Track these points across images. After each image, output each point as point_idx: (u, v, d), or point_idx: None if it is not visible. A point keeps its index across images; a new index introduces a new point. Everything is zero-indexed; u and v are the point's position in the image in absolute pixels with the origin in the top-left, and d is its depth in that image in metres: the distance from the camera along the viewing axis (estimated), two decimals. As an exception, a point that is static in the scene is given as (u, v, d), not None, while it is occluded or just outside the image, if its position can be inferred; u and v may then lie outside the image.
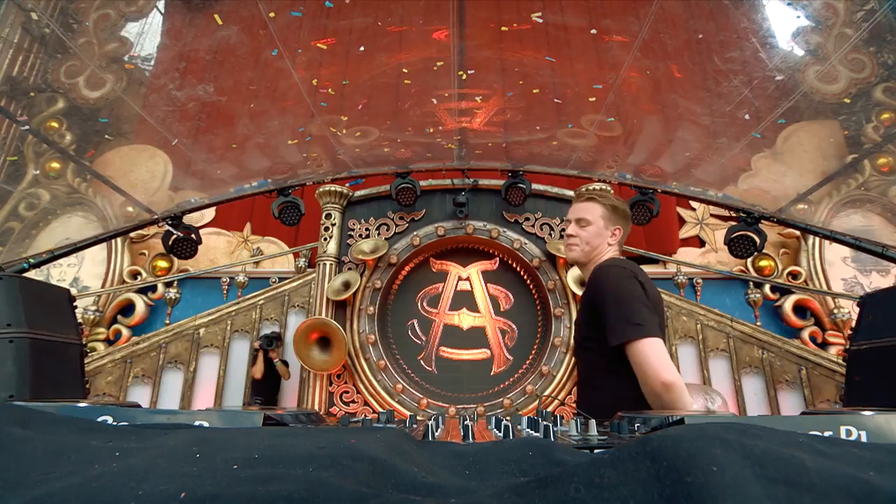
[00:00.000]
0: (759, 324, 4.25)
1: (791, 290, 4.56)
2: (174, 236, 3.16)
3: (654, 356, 1.37)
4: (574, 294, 3.78)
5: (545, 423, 0.79)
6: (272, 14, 2.00)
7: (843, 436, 0.63)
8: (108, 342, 4.62)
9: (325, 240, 4.08)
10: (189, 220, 3.28)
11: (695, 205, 5.01)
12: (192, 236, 3.25)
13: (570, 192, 3.94)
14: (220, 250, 5.12)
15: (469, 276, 4.09)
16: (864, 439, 0.63)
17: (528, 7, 2.09)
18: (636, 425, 0.86)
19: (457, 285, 4.07)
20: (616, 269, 1.57)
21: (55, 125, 2.34)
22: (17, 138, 2.29)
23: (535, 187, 3.86)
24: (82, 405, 0.81)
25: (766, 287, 4.57)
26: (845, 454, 0.36)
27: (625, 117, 2.69)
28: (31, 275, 2.54)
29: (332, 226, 4.11)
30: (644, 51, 2.13)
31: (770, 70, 2.06)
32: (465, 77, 2.46)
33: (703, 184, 3.04)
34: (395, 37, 2.24)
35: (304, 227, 4.32)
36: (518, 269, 4.05)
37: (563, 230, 1.83)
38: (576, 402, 1.69)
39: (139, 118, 2.40)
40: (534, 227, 4.03)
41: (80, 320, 2.81)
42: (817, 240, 4.59)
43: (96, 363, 4.11)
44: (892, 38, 1.89)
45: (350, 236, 4.13)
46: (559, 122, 2.84)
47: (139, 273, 4.91)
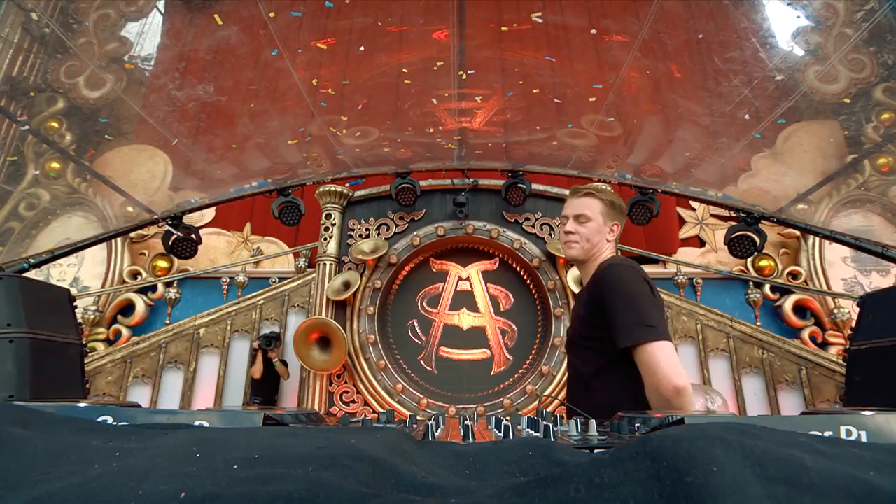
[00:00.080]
0: (759, 324, 4.25)
1: (791, 290, 4.56)
2: (174, 236, 3.16)
3: (665, 360, 1.35)
4: (574, 294, 3.78)
5: (545, 423, 0.79)
6: (272, 14, 2.00)
7: (843, 436, 0.63)
8: (108, 342, 4.62)
9: (325, 240, 4.08)
10: (189, 220, 3.28)
11: (695, 205, 5.01)
12: (192, 236, 3.25)
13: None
14: (220, 250, 5.12)
15: (469, 276, 4.09)
16: (864, 439, 0.63)
17: (528, 7, 2.09)
18: (636, 425, 0.86)
19: (457, 285, 4.07)
20: (626, 268, 1.53)
21: (55, 125, 2.34)
22: (17, 138, 2.29)
23: (535, 187, 3.87)
24: (82, 405, 0.81)
25: (766, 287, 4.57)
26: (845, 454, 0.36)
27: (625, 117, 2.69)
28: (31, 275, 2.54)
29: (332, 226, 4.12)
30: (644, 51, 2.13)
31: (770, 70, 2.06)
32: (465, 77, 2.46)
33: (703, 184, 3.04)
34: (395, 37, 2.24)
35: (304, 227, 4.32)
36: (518, 269, 4.06)
37: (561, 227, 1.77)
38: (566, 400, 1.63)
39: (139, 118, 2.40)
40: (534, 227, 4.03)
41: (80, 320, 2.81)
42: (817, 240, 4.59)
43: (96, 363, 4.11)
44: (892, 38, 1.89)
45: (350, 236, 4.13)
46: (559, 122, 2.84)
47: (139, 273, 4.91)
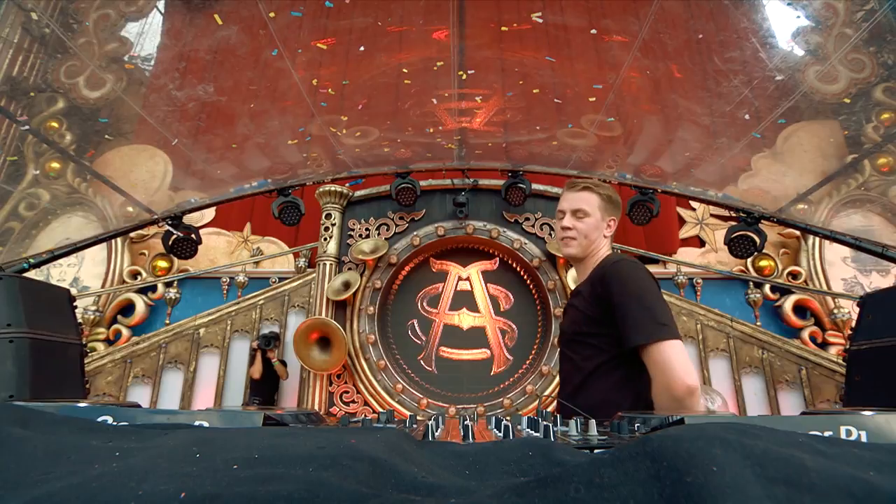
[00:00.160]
0: (759, 324, 4.25)
1: (791, 290, 4.55)
2: (174, 236, 3.16)
3: (678, 359, 1.33)
4: (574, 294, 3.78)
5: (545, 423, 0.78)
6: (272, 14, 2.00)
7: (843, 436, 0.63)
8: (108, 342, 4.62)
9: (325, 240, 4.08)
10: (189, 220, 3.28)
11: (695, 205, 5.01)
12: (192, 236, 3.25)
13: (570, 192, 3.94)
14: (220, 250, 5.12)
15: (469, 276, 4.09)
16: (864, 439, 0.63)
17: (528, 7, 2.09)
18: (636, 425, 0.86)
19: (457, 285, 4.07)
20: (635, 265, 1.50)
21: (55, 125, 2.34)
22: (17, 138, 2.29)
23: (535, 187, 3.87)
24: (82, 405, 0.81)
25: (766, 287, 4.57)
26: (845, 454, 0.36)
27: (625, 117, 2.69)
28: (31, 275, 2.54)
29: (332, 226, 4.12)
30: (644, 51, 2.13)
31: (770, 70, 2.06)
32: (465, 77, 2.46)
33: (703, 184, 3.04)
34: (395, 37, 2.24)
35: (304, 227, 4.32)
36: (518, 269, 4.06)
37: (557, 222, 1.68)
38: (558, 397, 1.56)
39: (139, 118, 2.40)
40: (534, 227, 4.03)
41: (80, 320, 2.81)
42: (817, 240, 4.59)
43: (96, 363, 4.11)
44: (892, 38, 1.89)
45: (350, 236, 4.13)
46: (559, 122, 2.84)
47: (139, 273, 4.91)
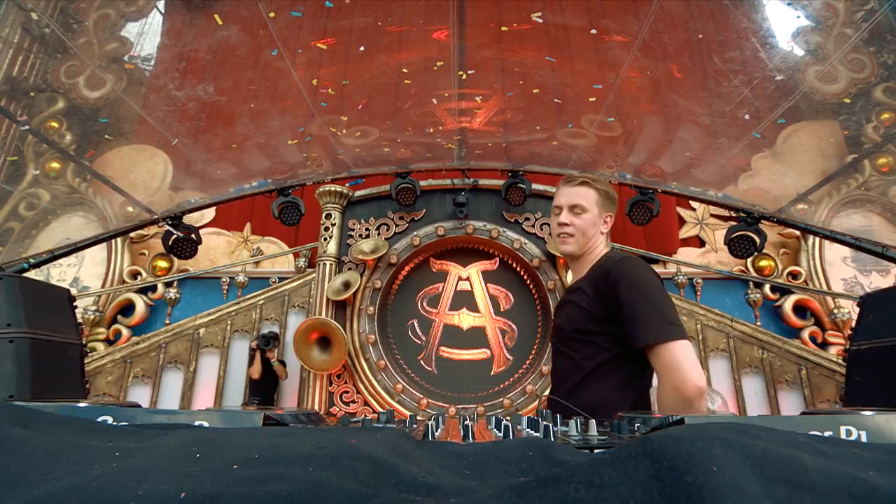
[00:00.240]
0: (759, 324, 4.25)
1: (791, 290, 4.55)
2: (174, 236, 3.16)
3: (689, 360, 1.31)
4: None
5: (545, 423, 0.78)
6: (272, 14, 2.00)
7: (843, 436, 0.63)
8: (108, 342, 4.62)
9: (325, 240, 4.08)
10: (189, 220, 3.28)
11: (695, 205, 5.01)
12: (192, 236, 3.25)
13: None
14: (220, 250, 5.12)
15: (469, 276, 4.09)
16: (864, 439, 0.63)
17: (528, 7, 2.09)
18: (636, 425, 0.86)
19: (457, 285, 4.07)
20: (640, 263, 1.47)
21: (55, 125, 2.34)
22: (17, 138, 2.29)
23: (535, 187, 3.86)
24: (82, 405, 0.81)
25: (766, 287, 4.57)
26: (845, 454, 0.36)
27: (625, 117, 2.69)
28: (31, 275, 2.54)
29: (332, 226, 4.12)
30: (644, 51, 2.13)
31: (770, 70, 2.06)
32: (465, 77, 2.46)
33: (703, 184, 3.05)
34: (395, 37, 2.24)
35: (304, 227, 4.32)
36: (518, 269, 4.06)
37: (553, 218, 1.63)
38: (552, 395, 1.52)
39: (139, 118, 2.40)
40: (534, 227, 4.03)
41: (80, 320, 2.81)
42: (817, 240, 4.59)
43: (96, 363, 4.11)
44: (892, 38, 1.89)
45: (350, 236, 4.13)
46: (559, 122, 2.85)
47: (139, 273, 4.91)
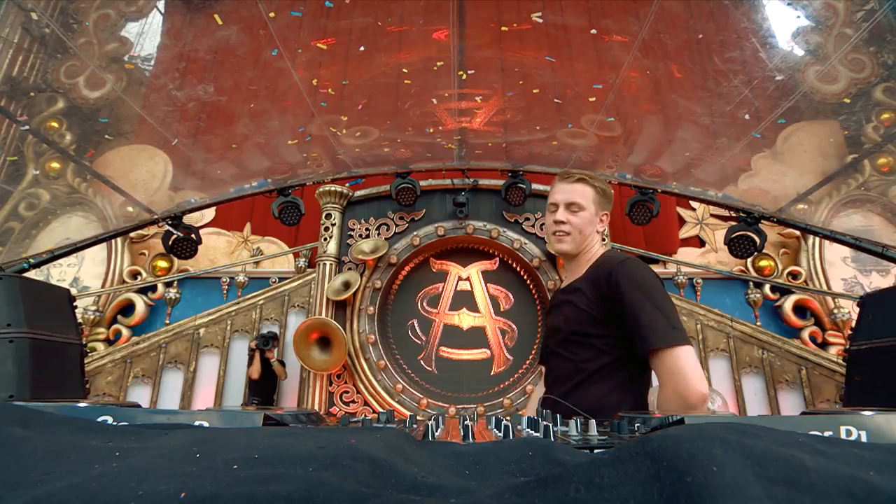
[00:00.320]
0: (759, 324, 4.25)
1: (791, 290, 4.55)
2: (174, 236, 3.16)
3: (693, 366, 1.28)
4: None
5: (545, 423, 0.78)
6: (272, 14, 2.00)
7: (843, 436, 0.63)
8: (108, 342, 4.62)
9: (325, 240, 4.08)
10: (189, 220, 3.28)
11: (695, 205, 5.01)
12: (192, 236, 3.25)
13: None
14: (220, 250, 5.11)
15: (469, 276, 4.09)
16: (864, 439, 0.63)
17: (528, 7, 2.09)
18: (636, 425, 0.86)
19: (457, 285, 4.07)
20: (643, 266, 1.44)
21: (55, 125, 2.34)
22: (17, 138, 2.29)
23: (535, 187, 3.86)
24: (82, 405, 0.81)
25: (766, 287, 4.57)
26: (845, 454, 0.36)
27: (625, 117, 2.69)
28: (31, 275, 2.54)
29: (332, 226, 4.11)
30: (644, 51, 2.13)
31: (770, 70, 2.06)
32: (465, 77, 2.46)
33: (703, 184, 3.05)
34: (395, 37, 2.24)
35: (304, 227, 4.32)
36: (518, 269, 4.06)
37: (548, 216, 1.58)
38: (550, 396, 1.47)
39: (139, 118, 2.40)
40: (534, 227, 4.03)
41: (80, 320, 2.81)
42: (817, 240, 4.59)
43: (96, 363, 4.11)
44: (892, 38, 1.89)
45: (350, 236, 4.13)
46: (559, 122, 2.85)
47: (139, 273, 4.91)
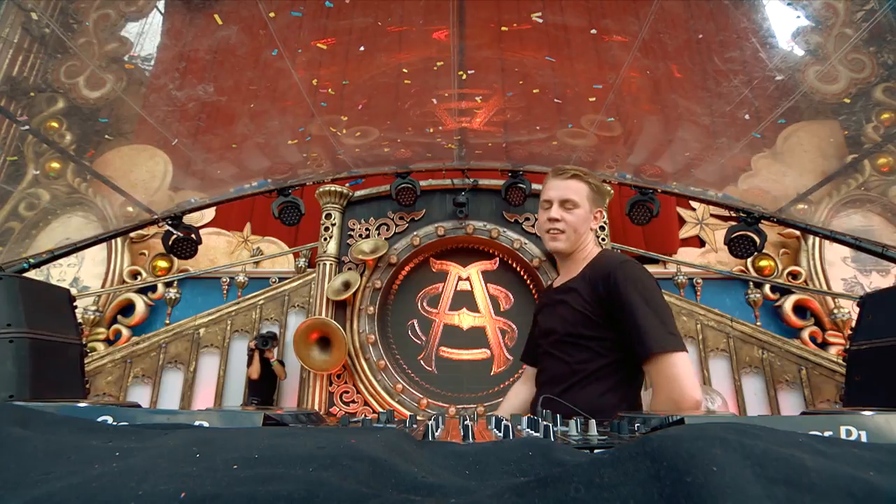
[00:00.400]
0: (759, 324, 4.25)
1: (791, 290, 4.55)
2: (174, 236, 3.16)
3: (688, 372, 1.27)
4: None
5: (545, 423, 0.78)
6: (272, 14, 2.00)
7: (843, 436, 0.63)
8: (108, 342, 4.62)
9: (325, 240, 4.08)
10: (189, 220, 3.28)
11: (695, 205, 5.00)
12: (192, 236, 3.25)
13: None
14: (220, 250, 5.11)
15: (469, 276, 4.09)
16: (864, 439, 0.63)
17: (528, 7, 2.09)
18: (636, 425, 0.86)
19: (457, 285, 4.07)
20: (641, 268, 1.42)
21: (55, 125, 2.34)
22: (17, 138, 2.29)
23: (535, 187, 3.86)
24: (82, 405, 0.81)
25: (766, 287, 4.57)
26: (845, 454, 0.36)
27: (625, 117, 2.69)
28: (31, 275, 2.54)
29: (332, 226, 4.11)
30: (644, 51, 2.13)
31: (770, 70, 2.06)
32: (465, 77, 2.46)
33: (703, 184, 3.05)
34: (395, 37, 2.24)
35: (304, 227, 4.32)
36: (518, 269, 4.05)
37: (542, 213, 1.54)
38: (548, 396, 1.45)
39: (139, 118, 2.40)
40: (534, 227, 4.02)
41: (80, 320, 2.81)
42: (817, 240, 4.59)
43: (96, 363, 4.10)
44: (892, 38, 1.89)
45: (350, 236, 4.13)
46: (559, 122, 2.85)
47: (139, 273, 4.91)
